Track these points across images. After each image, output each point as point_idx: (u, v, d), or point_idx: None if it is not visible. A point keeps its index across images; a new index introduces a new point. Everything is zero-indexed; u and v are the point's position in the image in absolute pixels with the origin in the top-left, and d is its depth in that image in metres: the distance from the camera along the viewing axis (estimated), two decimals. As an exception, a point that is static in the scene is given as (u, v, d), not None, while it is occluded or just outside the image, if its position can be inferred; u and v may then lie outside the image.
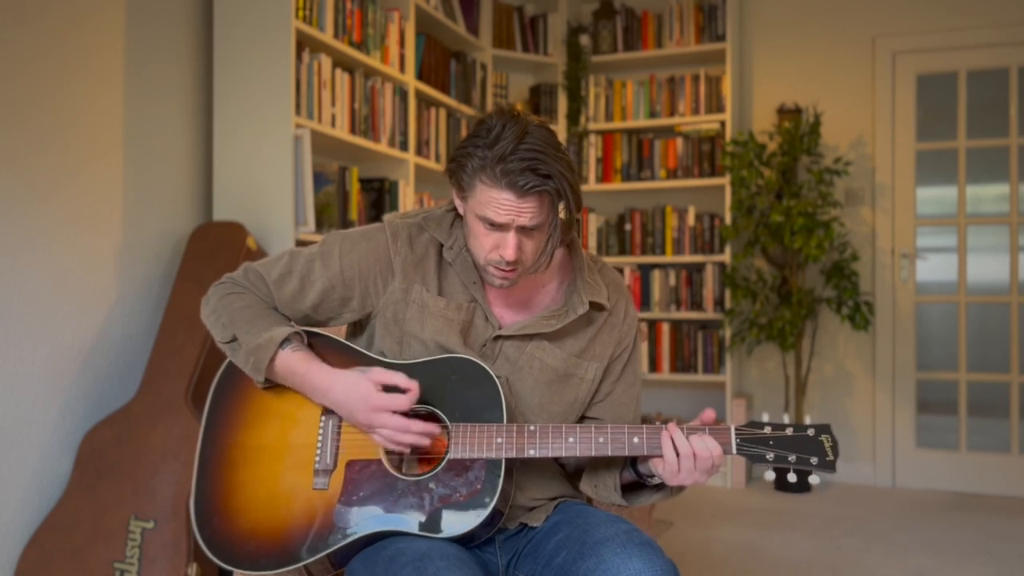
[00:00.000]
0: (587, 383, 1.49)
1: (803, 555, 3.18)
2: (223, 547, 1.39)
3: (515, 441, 1.34)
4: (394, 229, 1.49)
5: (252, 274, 1.50)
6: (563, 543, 1.36)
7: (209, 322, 1.49)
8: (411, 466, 1.41)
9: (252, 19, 2.82)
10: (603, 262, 1.58)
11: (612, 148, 4.61)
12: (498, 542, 1.45)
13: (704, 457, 1.31)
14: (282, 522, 1.38)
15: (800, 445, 1.34)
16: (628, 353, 1.54)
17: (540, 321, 1.45)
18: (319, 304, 1.48)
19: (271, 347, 1.40)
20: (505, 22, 4.52)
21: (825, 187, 4.11)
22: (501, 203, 1.32)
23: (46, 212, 2.36)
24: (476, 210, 1.36)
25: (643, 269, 4.57)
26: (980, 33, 4.19)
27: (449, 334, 1.43)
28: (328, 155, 3.33)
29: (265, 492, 1.40)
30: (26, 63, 2.30)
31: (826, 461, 1.33)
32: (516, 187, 1.30)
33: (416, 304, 1.45)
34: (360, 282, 1.47)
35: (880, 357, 4.33)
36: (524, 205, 1.32)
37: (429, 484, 1.35)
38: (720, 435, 1.34)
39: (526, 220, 1.33)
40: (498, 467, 1.34)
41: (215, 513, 1.41)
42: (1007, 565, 3.08)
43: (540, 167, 1.29)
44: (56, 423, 2.38)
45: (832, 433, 1.35)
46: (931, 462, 4.26)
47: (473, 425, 1.36)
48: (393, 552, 1.30)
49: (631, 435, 1.34)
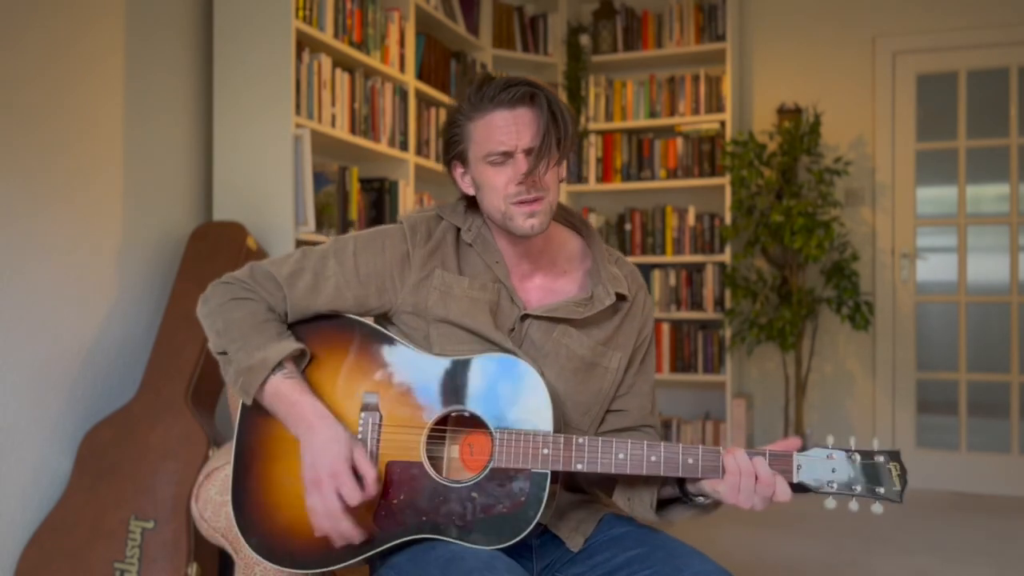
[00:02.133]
0: (611, 373, 1.47)
1: (804, 555, 3.18)
2: (261, 540, 1.36)
3: (562, 453, 1.29)
4: (412, 223, 1.47)
5: (260, 273, 1.44)
6: (640, 561, 1.31)
7: (205, 324, 1.43)
8: (455, 471, 1.36)
9: (252, 19, 2.82)
10: (619, 254, 1.58)
11: (612, 148, 4.61)
12: (534, 547, 1.41)
13: (766, 483, 1.25)
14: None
15: (866, 473, 1.26)
16: (647, 344, 1.54)
17: (570, 306, 1.43)
18: (332, 302, 1.42)
19: (262, 371, 1.34)
20: (505, 22, 4.52)
21: (825, 187, 4.11)
22: (498, 125, 1.35)
23: (46, 213, 2.36)
24: (480, 154, 1.38)
25: (643, 269, 4.56)
26: (980, 33, 4.19)
27: (477, 314, 1.40)
28: (328, 155, 3.33)
29: (302, 488, 1.35)
30: (29, 61, 2.30)
31: (893, 491, 1.25)
32: (504, 102, 1.34)
33: (438, 290, 1.42)
34: (376, 279, 1.43)
35: (880, 357, 4.33)
36: (520, 119, 1.35)
37: (472, 492, 1.31)
38: (781, 462, 1.27)
39: (528, 138, 1.35)
40: (544, 480, 1.29)
41: (254, 506, 1.37)
42: (1007, 565, 3.08)
43: (519, 80, 1.35)
44: (56, 423, 2.38)
45: (901, 460, 1.27)
46: (931, 462, 4.26)
47: (519, 432, 1.30)
48: (448, 554, 1.27)
49: (686, 456, 1.28)
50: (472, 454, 1.37)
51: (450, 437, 1.39)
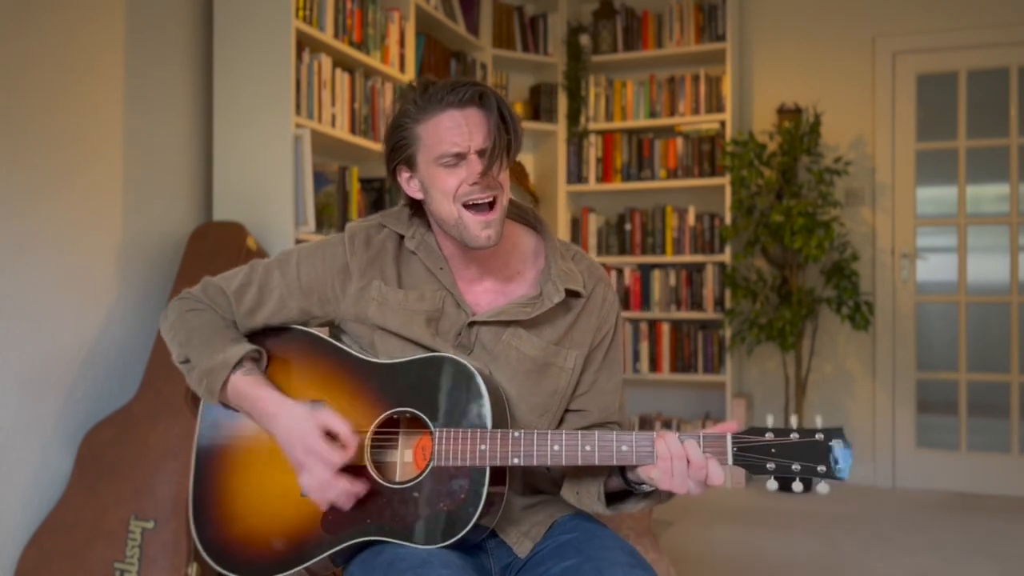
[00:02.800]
0: (567, 372, 1.44)
1: (803, 555, 3.18)
2: (220, 553, 1.40)
3: (499, 448, 1.29)
4: (351, 232, 1.47)
5: (211, 288, 1.48)
6: (570, 572, 1.30)
7: (167, 338, 1.48)
8: (409, 474, 1.37)
9: (252, 19, 2.82)
10: (577, 249, 1.54)
11: (612, 148, 4.61)
12: (489, 548, 1.42)
13: (698, 465, 1.23)
14: (272, 529, 1.38)
15: (806, 452, 1.22)
16: (610, 339, 1.49)
17: (516, 308, 1.41)
18: (277, 312, 1.46)
19: (223, 371, 1.37)
20: (505, 22, 4.52)
21: (825, 187, 4.11)
22: (447, 126, 1.34)
23: (47, 213, 2.36)
24: (431, 157, 1.36)
25: (643, 269, 4.57)
26: (980, 33, 4.19)
27: (413, 326, 1.40)
28: (328, 155, 3.33)
29: (257, 498, 1.40)
30: (28, 61, 2.30)
31: (836, 469, 1.20)
32: (454, 103, 1.33)
33: (376, 301, 1.42)
34: (318, 288, 1.45)
35: (880, 357, 4.33)
36: (471, 119, 1.34)
37: (413, 492, 1.32)
38: (715, 444, 1.24)
39: (480, 139, 1.34)
40: (482, 475, 1.29)
41: (211, 520, 1.41)
42: (1007, 565, 3.08)
43: (466, 81, 1.34)
44: (56, 423, 2.38)
45: (844, 436, 1.22)
46: (931, 462, 4.26)
47: (457, 431, 1.31)
48: (391, 557, 1.28)
49: (619, 443, 1.27)
50: (424, 456, 1.37)
51: (403, 441, 1.40)
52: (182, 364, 1.44)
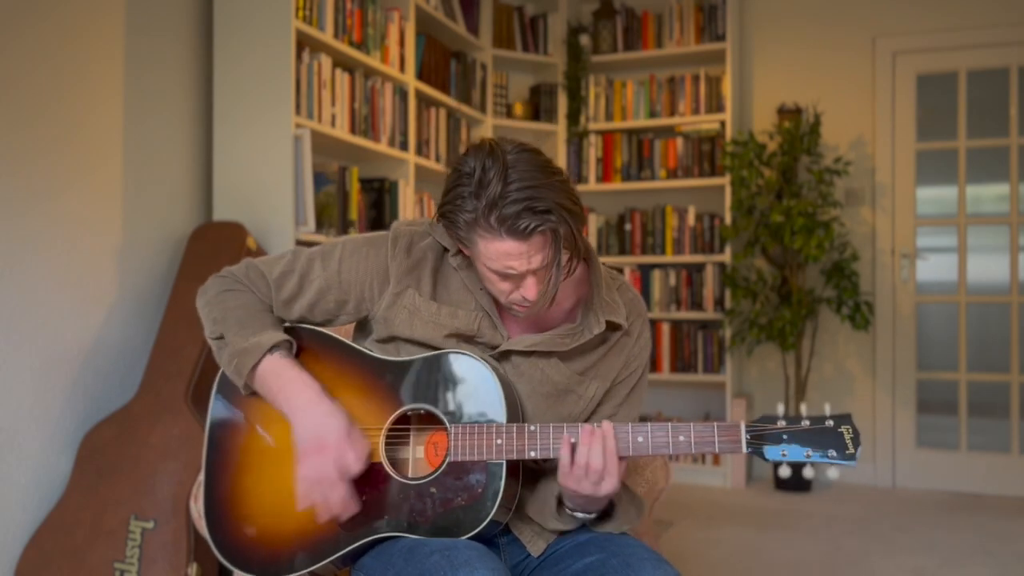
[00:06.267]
0: (585, 400, 1.43)
1: (803, 555, 3.18)
2: (235, 553, 1.39)
3: (515, 442, 1.29)
4: (396, 234, 1.45)
5: (253, 271, 1.47)
6: (595, 569, 1.30)
7: (203, 313, 1.46)
8: (422, 470, 1.37)
9: (252, 19, 2.82)
10: (623, 280, 1.51)
11: (612, 148, 4.61)
12: (501, 545, 1.42)
13: (595, 470, 1.25)
14: (287, 527, 1.37)
15: (818, 438, 1.25)
16: (637, 377, 1.47)
17: (554, 339, 1.39)
18: (315, 304, 1.44)
19: (257, 352, 1.36)
20: (505, 22, 4.52)
21: (825, 187, 4.11)
22: (509, 253, 1.25)
23: (47, 213, 2.36)
24: (484, 262, 1.29)
25: (643, 269, 4.57)
26: (980, 33, 4.19)
27: (435, 336, 1.39)
28: (328, 155, 3.33)
29: (270, 497, 1.39)
30: (28, 62, 2.30)
31: (846, 454, 1.24)
32: (518, 232, 1.22)
33: (407, 309, 1.40)
34: (356, 286, 1.43)
35: (880, 357, 4.33)
36: (532, 248, 1.25)
37: (431, 488, 1.32)
38: (730, 432, 1.26)
39: (538, 263, 1.27)
40: (500, 470, 1.30)
41: (224, 519, 1.40)
42: (1007, 565, 3.08)
43: (536, 204, 1.21)
44: (56, 423, 2.38)
45: (853, 423, 1.26)
46: (931, 462, 4.26)
47: (472, 425, 1.31)
48: (411, 543, 1.28)
49: (635, 434, 1.29)
50: (436, 452, 1.38)
51: (414, 438, 1.40)
52: (215, 340, 1.43)
